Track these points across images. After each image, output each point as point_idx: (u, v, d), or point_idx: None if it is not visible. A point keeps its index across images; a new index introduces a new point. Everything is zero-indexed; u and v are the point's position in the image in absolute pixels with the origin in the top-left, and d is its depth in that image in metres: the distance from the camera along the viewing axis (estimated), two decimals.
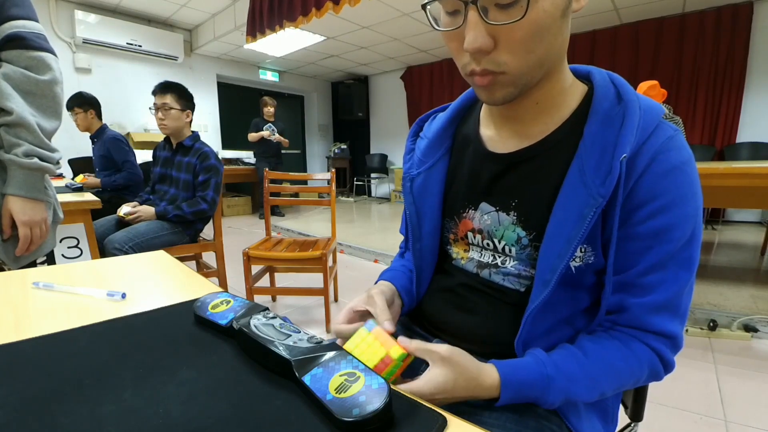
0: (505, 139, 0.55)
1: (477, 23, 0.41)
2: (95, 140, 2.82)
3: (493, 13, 0.41)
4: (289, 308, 2.28)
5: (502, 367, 0.46)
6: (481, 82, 0.45)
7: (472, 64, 0.44)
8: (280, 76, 6.77)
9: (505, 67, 0.43)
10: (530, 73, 0.44)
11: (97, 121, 2.80)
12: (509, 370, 0.46)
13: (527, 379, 0.46)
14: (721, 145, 4.19)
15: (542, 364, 0.46)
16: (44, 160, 0.89)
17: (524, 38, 0.41)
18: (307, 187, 2.52)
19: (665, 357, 0.48)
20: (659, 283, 0.46)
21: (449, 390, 0.43)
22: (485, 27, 0.41)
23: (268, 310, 0.44)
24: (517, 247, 0.53)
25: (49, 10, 4.15)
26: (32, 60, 0.87)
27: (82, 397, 0.33)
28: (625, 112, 0.46)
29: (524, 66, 0.43)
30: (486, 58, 0.43)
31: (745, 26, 3.87)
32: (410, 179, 0.62)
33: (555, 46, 0.44)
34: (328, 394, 0.31)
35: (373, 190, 7.50)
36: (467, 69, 0.46)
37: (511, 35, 0.41)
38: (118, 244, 1.69)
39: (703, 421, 1.28)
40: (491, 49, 0.42)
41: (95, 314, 0.51)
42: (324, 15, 3.33)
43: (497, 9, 0.40)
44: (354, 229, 4.33)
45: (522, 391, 0.45)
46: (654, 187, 0.44)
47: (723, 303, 2.09)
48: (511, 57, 0.42)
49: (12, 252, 0.93)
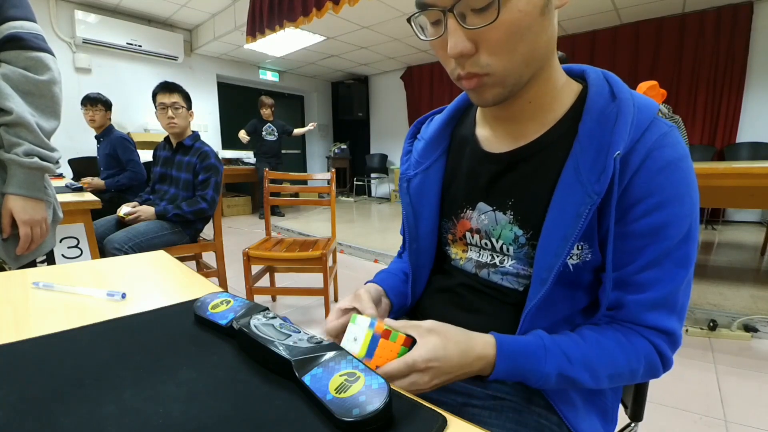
0: (501, 139, 0.55)
1: (456, 29, 0.42)
2: (101, 139, 2.86)
3: (471, 18, 0.42)
4: (289, 308, 2.28)
5: (500, 336, 0.47)
6: (468, 85, 0.47)
7: (457, 68, 0.46)
8: (280, 76, 6.77)
9: (489, 69, 0.44)
10: (516, 72, 0.45)
11: (108, 122, 2.88)
12: (506, 339, 0.47)
13: (523, 349, 0.46)
14: (721, 145, 4.19)
15: (540, 338, 0.47)
16: (44, 160, 0.89)
17: (502, 39, 0.42)
18: (307, 187, 2.52)
19: (663, 352, 0.48)
20: (655, 281, 0.46)
21: (441, 356, 0.43)
22: (464, 32, 0.42)
23: (268, 310, 0.44)
24: (514, 246, 0.53)
25: (49, 10, 4.15)
26: (31, 60, 0.87)
27: (83, 397, 0.33)
28: (619, 109, 0.46)
29: (508, 66, 0.44)
30: (469, 62, 0.44)
31: (745, 26, 3.87)
32: (407, 180, 0.63)
33: (539, 44, 0.44)
34: (328, 394, 0.31)
35: (373, 190, 7.50)
36: (454, 74, 0.47)
37: (490, 37, 0.42)
38: (118, 244, 1.69)
39: (703, 421, 1.28)
40: (473, 52, 0.43)
41: (95, 314, 0.51)
42: (324, 15, 3.33)
43: (474, 14, 0.42)
44: (354, 229, 4.33)
45: (517, 360, 0.45)
46: (649, 184, 0.44)
47: (723, 303, 2.09)
48: (493, 58, 0.43)
49: (12, 251, 0.93)
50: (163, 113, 1.92)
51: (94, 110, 2.75)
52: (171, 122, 1.92)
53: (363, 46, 5.42)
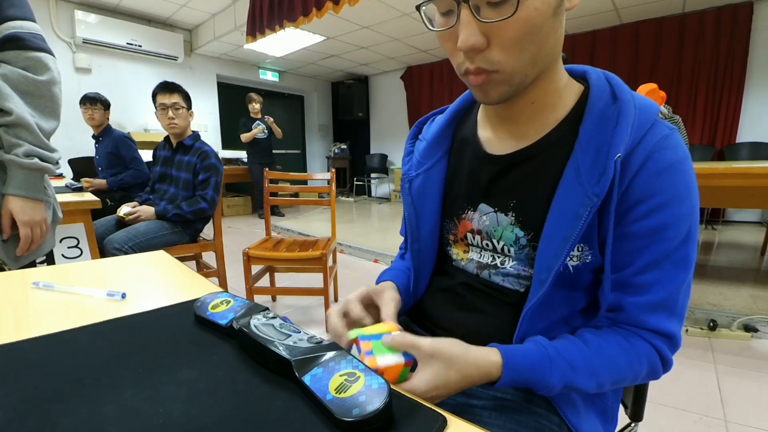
0: (502, 140, 0.55)
1: (469, 21, 0.41)
2: (100, 139, 2.86)
3: (485, 12, 0.41)
4: (289, 308, 2.28)
5: (505, 350, 0.45)
6: (475, 81, 0.46)
7: (466, 62, 0.45)
8: (280, 76, 6.77)
9: (499, 66, 0.43)
10: (523, 71, 0.45)
11: (107, 121, 2.88)
12: (511, 353, 0.45)
13: (529, 363, 0.45)
14: (721, 145, 4.19)
15: (544, 348, 0.46)
16: (44, 160, 0.89)
17: (516, 36, 0.41)
18: (307, 187, 2.52)
19: (664, 354, 0.48)
20: (655, 283, 0.46)
21: (443, 384, 0.42)
22: (478, 25, 0.42)
23: (268, 310, 0.44)
24: (515, 247, 0.53)
25: (49, 10, 4.15)
26: (30, 60, 0.87)
27: (83, 397, 0.33)
28: (619, 111, 0.46)
29: (517, 64, 0.43)
30: (479, 57, 0.43)
31: (745, 26, 3.87)
32: (409, 180, 0.63)
33: (548, 44, 0.44)
34: (328, 394, 0.31)
35: (373, 190, 7.50)
36: (462, 68, 0.46)
37: (503, 33, 0.41)
38: (118, 244, 1.69)
39: (703, 421, 1.28)
40: (484, 47, 0.42)
41: (95, 314, 0.51)
42: (324, 15, 3.33)
43: (489, 7, 0.41)
44: (354, 229, 4.33)
45: (523, 374, 0.44)
46: (649, 185, 0.44)
47: (723, 303, 2.09)
48: (503, 55, 0.43)
49: (12, 252, 0.93)
50: (164, 113, 1.92)
51: (93, 109, 2.75)
52: (171, 122, 1.92)
53: (363, 46, 5.42)
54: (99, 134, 2.86)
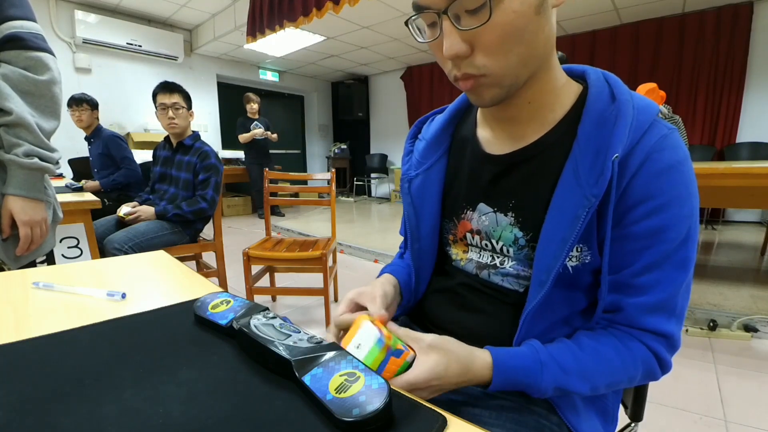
0: (501, 140, 0.55)
1: (451, 31, 0.42)
2: (92, 140, 2.85)
3: (465, 20, 0.42)
4: (289, 308, 2.28)
5: (496, 352, 0.46)
6: (465, 86, 0.47)
7: (454, 70, 0.46)
8: (280, 76, 6.77)
9: (485, 70, 0.44)
10: (513, 73, 0.45)
11: (96, 121, 2.85)
12: (503, 355, 0.46)
13: (520, 365, 0.46)
14: (721, 145, 4.19)
15: (536, 352, 0.47)
16: (44, 160, 0.89)
17: (497, 40, 0.42)
18: (307, 187, 2.52)
19: (662, 356, 0.48)
20: (654, 284, 0.46)
21: (442, 375, 0.43)
22: (459, 33, 0.42)
23: (268, 310, 0.44)
24: (514, 247, 0.53)
25: (49, 10, 4.15)
26: (30, 60, 0.87)
27: (83, 397, 0.33)
28: (618, 111, 0.45)
29: (504, 67, 0.44)
30: (465, 63, 0.44)
31: (745, 26, 3.87)
32: (408, 180, 0.63)
33: (537, 44, 0.44)
34: (328, 394, 0.31)
35: (373, 190, 7.50)
36: (451, 75, 0.47)
37: (484, 39, 0.42)
38: (118, 244, 1.69)
39: (703, 421, 1.28)
40: (468, 53, 0.43)
41: (95, 314, 0.51)
42: (324, 15, 3.33)
43: (468, 15, 0.42)
44: (354, 229, 4.33)
45: (514, 376, 0.45)
46: (648, 186, 0.44)
47: (723, 303, 2.09)
48: (488, 59, 0.43)
49: (12, 252, 0.93)
50: (164, 113, 1.92)
51: (80, 110, 2.72)
52: (171, 122, 1.92)
53: (363, 46, 5.42)
54: (90, 135, 2.83)
